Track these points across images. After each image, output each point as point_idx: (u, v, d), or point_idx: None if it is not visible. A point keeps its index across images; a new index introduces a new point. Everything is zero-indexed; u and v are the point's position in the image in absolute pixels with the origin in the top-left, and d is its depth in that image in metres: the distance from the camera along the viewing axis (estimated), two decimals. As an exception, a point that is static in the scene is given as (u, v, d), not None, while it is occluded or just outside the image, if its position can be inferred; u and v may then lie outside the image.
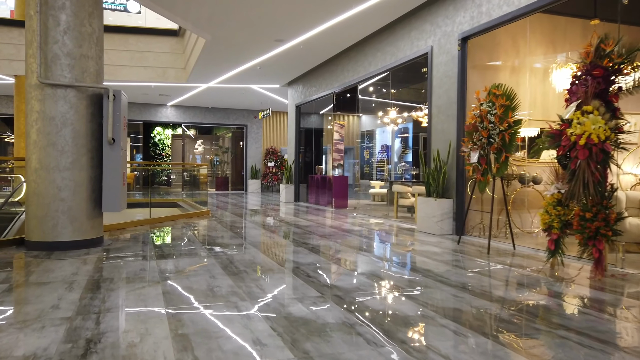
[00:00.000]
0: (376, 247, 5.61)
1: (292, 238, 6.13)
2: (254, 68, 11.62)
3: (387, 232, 6.91)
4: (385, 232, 6.91)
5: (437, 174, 6.73)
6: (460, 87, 6.57)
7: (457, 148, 6.60)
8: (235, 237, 6.18)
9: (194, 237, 6.14)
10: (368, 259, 4.71)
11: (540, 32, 7.14)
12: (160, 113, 18.56)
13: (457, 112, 6.62)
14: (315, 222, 8.11)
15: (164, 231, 6.73)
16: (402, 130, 16.83)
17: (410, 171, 13.46)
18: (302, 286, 3.52)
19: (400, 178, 16.36)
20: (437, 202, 6.62)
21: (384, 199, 13.97)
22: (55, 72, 5.07)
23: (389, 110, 12.04)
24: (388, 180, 12.69)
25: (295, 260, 4.59)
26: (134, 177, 19.19)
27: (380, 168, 18.76)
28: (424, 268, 4.27)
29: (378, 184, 14.58)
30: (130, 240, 5.82)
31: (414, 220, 8.10)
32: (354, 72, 9.79)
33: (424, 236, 6.43)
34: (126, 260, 4.47)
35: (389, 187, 13.09)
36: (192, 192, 15.49)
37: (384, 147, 19.01)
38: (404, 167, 13.26)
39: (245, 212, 10.16)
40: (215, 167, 21.34)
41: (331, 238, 6.19)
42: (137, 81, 13.36)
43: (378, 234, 6.79)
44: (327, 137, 15.83)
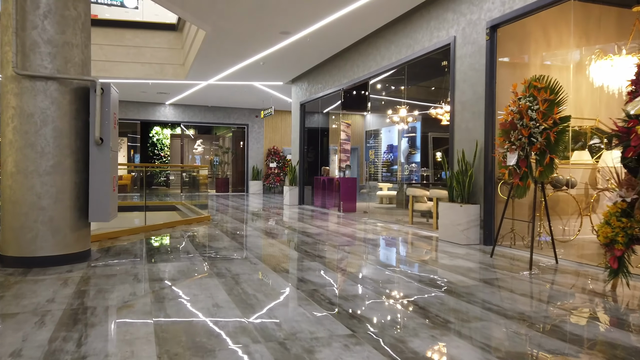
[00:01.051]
0: (401, 261, 4.96)
1: (303, 249, 5.48)
2: (257, 64, 10.97)
3: (407, 242, 6.26)
4: (405, 242, 6.26)
5: (463, 177, 6.09)
6: (489, 81, 5.92)
7: (485, 148, 5.96)
8: (239, 249, 5.53)
9: (194, 249, 5.48)
10: (395, 278, 4.06)
11: (572, 22, 6.50)
12: (159, 112, 17.91)
13: (484, 109, 5.97)
14: (325, 228, 7.46)
15: (160, 241, 6.08)
16: (408, 130, 16.20)
17: (420, 172, 12.82)
18: (326, 319, 2.88)
19: (408, 179, 15.75)
20: (463, 209, 5.97)
21: (393, 201, 13.35)
22: (34, 62, 4.42)
23: (399, 108, 11.38)
24: (400, 182, 12.03)
25: (312, 279, 3.95)
26: (132, 178, 18.53)
27: (385, 169, 18.13)
28: (466, 291, 3.62)
29: (386, 186, 13.96)
30: (121, 253, 5.16)
31: (433, 227, 7.46)
32: (364, 67, 9.15)
33: (449, 246, 5.78)
34: (114, 281, 3.82)
35: (399, 189, 12.45)
36: (191, 194, 14.85)
37: (390, 147, 18.40)
38: (413, 168, 12.61)
39: (249, 217, 9.51)
40: (215, 168, 20.69)
41: (346, 249, 5.54)
42: (134, 78, 12.71)
43: (397, 244, 6.15)
44: (332, 137, 15.20)
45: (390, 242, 6.26)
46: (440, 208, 6.36)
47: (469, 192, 6.08)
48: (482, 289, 3.69)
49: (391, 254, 5.34)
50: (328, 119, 14.64)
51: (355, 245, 5.88)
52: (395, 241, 6.30)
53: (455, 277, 4.09)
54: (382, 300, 3.34)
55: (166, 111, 17.98)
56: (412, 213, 8.25)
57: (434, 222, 7.52)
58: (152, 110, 17.81)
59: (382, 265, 4.59)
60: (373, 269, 4.42)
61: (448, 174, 6.48)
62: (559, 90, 4.53)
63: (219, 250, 5.34)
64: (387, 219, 8.92)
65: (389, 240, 6.35)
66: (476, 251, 5.47)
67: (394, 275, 4.16)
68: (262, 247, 5.73)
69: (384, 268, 4.46)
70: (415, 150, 15.60)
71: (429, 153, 14.40)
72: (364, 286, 3.74)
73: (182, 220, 8.03)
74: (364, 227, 7.71)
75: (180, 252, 5.23)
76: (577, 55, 6.50)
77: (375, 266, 4.55)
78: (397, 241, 6.31)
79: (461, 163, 6.17)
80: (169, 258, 4.84)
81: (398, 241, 6.31)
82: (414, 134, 15.96)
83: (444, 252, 5.35)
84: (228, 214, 9.83)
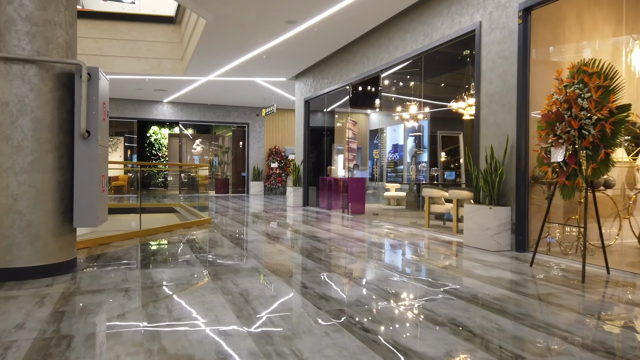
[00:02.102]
0: (431, 272, 4.36)
1: (317, 257, 4.88)
2: (260, 57, 10.37)
3: (430, 248, 5.67)
4: (429, 248, 5.66)
5: (492, 176, 5.49)
6: (522, 69, 5.33)
7: (517, 144, 5.37)
8: (245, 256, 4.92)
9: (194, 256, 4.88)
10: (432, 294, 3.47)
11: (607, 7, 5.93)
12: (156, 110, 17.30)
13: (517, 100, 5.38)
14: (336, 232, 6.87)
15: (156, 248, 5.47)
16: (417, 128, 15.62)
17: (432, 172, 12.24)
18: (362, 351, 2.28)
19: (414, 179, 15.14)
20: (493, 211, 5.38)
21: (401, 202, 12.77)
22: (9, 42, 3.82)
23: (409, 105, 10.78)
24: (415, 182, 11.44)
25: (334, 296, 3.35)
26: (128, 179, 17.91)
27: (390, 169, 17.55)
28: (520, 311, 3.02)
29: (393, 187, 13.39)
30: (112, 261, 4.55)
31: (452, 231, 6.87)
32: (375, 59, 8.55)
33: (478, 253, 5.19)
34: (101, 298, 3.21)
35: (409, 189, 11.86)
36: (190, 195, 14.24)
37: (395, 146, 17.82)
38: (423, 167, 12.02)
39: (251, 220, 8.90)
40: (214, 169, 20.08)
41: (365, 258, 4.95)
42: (130, 73, 12.11)
43: (421, 251, 5.55)
44: (338, 136, 14.60)
45: (411, 248, 5.66)
46: (466, 210, 5.77)
47: (498, 192, 5.49)
48: (539, 307, 3.09)
49: (418, 263, 4.74)
50: (331, 118, 14.05)
51: (373, 253, 5.28)
52: (417, 248, 5.71)
53: (500, 292, 3.49)
54: (427, 325, 2.74)
55: (164, 109, 17.37)
56: (428, 216, 7.65)
57: (454, 226, 6.93)
58: (150, 108, 17.20)
59: (412, 278, 4.00)
60: (403, 282, 3.83)
61: (474, 173, 5.89)
62: (614, 75, 3.95)
63: (223, 258, 4.74)
64: (400, 222, 8.33)
65: (410, 247, 5.76)
66: (510, 259, 4.88)
67: (429, 290, 3.56)
68: (270, 254, 5.12)
69: (415, 281, 3.86)
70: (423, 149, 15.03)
71: (437, 152, 13.83)
72: (399, 305, 3.14)
73: (180, 223, 7.42)
74: (377, 231, 7.12)
75: (179, 260, 4.62)
76: (617, 42, 5.92)
77: (405, 279, 3.96)
78: (419, 248, 5.71)
79: (490, 160, 5.58)
80: (165, 268, 4.24)
81: (420, 247, 5.71)
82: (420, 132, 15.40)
83: (476, 261, 4.75)
84: (229, 217, 9.22)
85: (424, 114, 11.39)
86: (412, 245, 5.86)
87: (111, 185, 17.52)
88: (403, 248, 5.65)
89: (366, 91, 11.82)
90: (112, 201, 14.59)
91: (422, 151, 15.03)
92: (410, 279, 3.93)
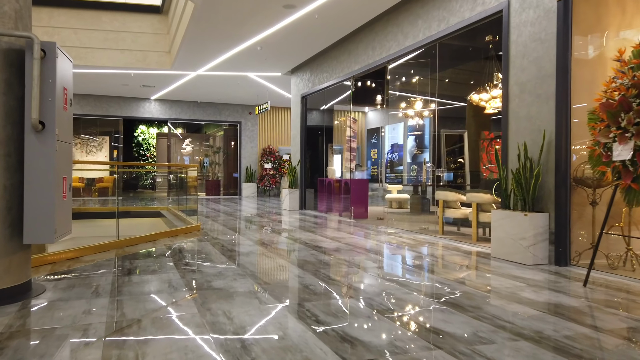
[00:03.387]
0: (471, 297, 3.57)
1: (325, 276, 4.09)
2: (254, 49, 9.56)
3: (455, 262, 4.90)
4: (454, 263, 4.89)
5: (526, 178, 4.74)
6: (562, 53, 4.58)
7: (556, 140, 4.62)
8: (240, 275, 4.12)
9: (178, 276, 4.06)
10: (484, 330, 2.69)
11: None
12: (143, 108, 16.39)
13: (556, 89, 4.63)
14: (341, 241, 6.08)
15: (134, 264, 4.64)
16: (415, 127, 14.91)
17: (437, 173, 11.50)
18: None
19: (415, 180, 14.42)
20: (528, 218, 4.62)
21: (404, 205, 12.03)
22: (-62, 8, 2.99)
23: (416, 100, 10.03)
24: (424, 184, 10.69)
25: (359, 337, 2.56)
26: (114, 180, 16.96)
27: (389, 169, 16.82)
28: (614, 359, 2.25)
29: (395, 188, 12.65)
30: (78, 283, 3.73)
31: (472, 239, 6.12)
32: (381, 49, 7.78)
33: (513, 268, 4.43)
34: (50, 342, 2.40)
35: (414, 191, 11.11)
36: (179, 197, 13.38)
37: (395, 146, 17.07)
38: (431, 168, 11.27)
39: (245, 226, 8.09)
40: (205, 169, 19.21)
41: (383, 276, 4.16)
42: (113, 67, 11.24)
43: (445, 265, 4.78)
44: (337, 135, 13.82)
45: (435, 262, 4.88)
46: (495, 217, 5.00)
47: (533, 197, 4.73)
48: (634, 353, 2.33)
49: (452, 284, 3.96)
50: (327, 116, 13.26)
51: (392, 269, 4.50)
52: (442, 262, 4.93)
53: (568, 326, 2.72)
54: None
55: (151, 107, 16.47)
56: (442, 222, 6.89)
57: (473, 233, 6.18)
58: (136, 106, 16.29)
59: (452, 305, 3.21)
60: (443, 314, 3.04)
61: (503, 174, 5.13)
62: (697, 54, 3.20)
63: (213, 278, 3.92)
64: (408, 228, 7.56)
65: (433, 260, 4.98)
66: (554, 276, 4.12)
67: (481, 326, 2.78)
68: (269, 272, 4.32)
69: (458, 311, 3.08)
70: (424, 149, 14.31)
71: (441, 151, 13.10)
72: (454, 352, 2.36)
73: (166, 231, 6.58)
74: (387, 239, 6.34)
75: (160, 281, 3.80)
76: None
77: (444, 309, 3.17)
78: (444, 262, 4.94)
79: (524, 160, 4.83)
80: (142, 294, 3.42)
81: (446, 262, 4.94)
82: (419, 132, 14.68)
83: (515, 278, 3.99)
84: (220, 222, 8.40)
85: (430, 112, 10.64)
86: (434, 258, 5.08)
87: (95, 187, 16.60)
88: (425, 262, 4.87)
89: (370, 85, 11.06)
90: (95, 204, 13.69)
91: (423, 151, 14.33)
92: (449, 306, 3.15)
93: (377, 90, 12.23)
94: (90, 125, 17.41)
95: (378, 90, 12.27)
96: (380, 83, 11.47)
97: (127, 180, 20.73)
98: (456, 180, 12.10)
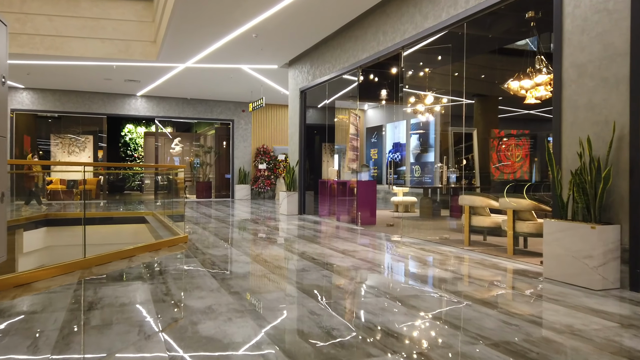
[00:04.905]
0: (556, 348, 2.63)
1: (352, 312, 3.13)
2: (248, 36, 8.58)
3: (505, 287, 3.96)
4: (503, 287, 3.95)
5: (591, 181, 3.81)
6: (637, 25, 3.66)
7: (631, 135, 3.70)
8: (237, 313, 3.14)
9: (154, 313, 3.08)
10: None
11: None
12: (129, 105, 15.33)
13: (630, 71, 3.71)
14: (355, 256, 5.13)
15: (98, 295, 3.64)
16: (418, 125, 14.03)
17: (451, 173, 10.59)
18: None
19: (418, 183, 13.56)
20: (597, 232, 3.69)
21: (410, 209, 11.12)
22: None
23: (425, 95, 9.09)
24: (446, 186, 9.77)
25: None
26: (97, 182, 15.88)
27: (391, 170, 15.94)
28: None
29: (401, 191, 11.74)
30: (14, 330, 2.73)
31: (507, 252, 5.19)
32: (394, 33, 6.84)
33: (580, 295, 3.50)
34: None
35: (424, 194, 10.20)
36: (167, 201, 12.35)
37: (396, 145, 16.16)
38: (441, 168, 10.35)
39: (240, 235, 7.11)
40: (195, 171, 18.17)
41: (423, 308, 3.21)
42: (92, 58, 10.21)
43: (495, 291, 3.83)
44: (340, 133, 12.86)
45: (481, 287, 3.94)
46: (549, 229, 4.07)
47: (600, 204, 3.81)
48: None
49: (516, 323, 3.02)
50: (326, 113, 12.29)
51: (426, 297, 3.55)
52: (486, 286, 3.99)
53: None
54: None
55: (137, 104, 15.41)
56: (469, 231, 5.96)
57: (509, 246, 5.25)
58: (121, 103, 15.22)
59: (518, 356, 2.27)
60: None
61: (557, 176, 4.20)
62: None
63: (201, 318, 2.94)
64: (426, 237, 6.62)
65: (478, 284, 4.04)
66: (629, 303, 3.20)
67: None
68: (273, 306, 3.34)
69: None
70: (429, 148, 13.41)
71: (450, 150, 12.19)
72: None
73: (145, 245, 5.56)
74: (405, 252, 5.40)
75: (128, 324, 2.82)
76: None
77: None
78: (489, 285, 4.00)
79: (587, 158, 3.90)
80: (98, 348, 2.43)
81: (491, 285, 4.00)
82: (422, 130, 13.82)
83: (596, 313, 3.05)
84: (211, 230, 7.41)
85: (442, 107, 9.71)
86: (480, 282, 4.14)
87: (77, 190, 15.50)
88: (467, 287, 3.93)
89: (373, 79, 10.12)
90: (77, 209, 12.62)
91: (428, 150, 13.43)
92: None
93: (381, 84, 11.30)
94: (72, 124, 16.32)
95: (382, 85, 11.35)
96: (386, 76, 10.54)
97: (113, 182, 19.63)
98: (463, 181, 11.13)
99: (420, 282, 3.99)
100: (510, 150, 11.69)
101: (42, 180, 14.85)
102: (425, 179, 13.41)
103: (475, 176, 11.55)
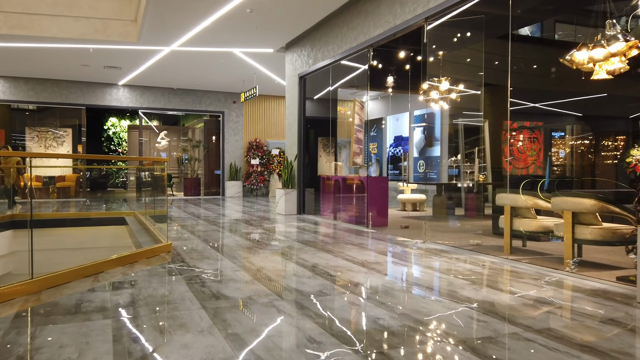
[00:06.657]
0: None
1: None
2: (242, 12, 7.50)
3: (593, 319, 2.96)
4: (593, 320, 2.96)
5: None
6: None
7: None
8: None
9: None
10: None
11: None
12: (110, 96, 14.13)
13: None
14: (375, 268, 4.11)
15: (35, 345, 2.58)
16: (422, 118, 13.06)
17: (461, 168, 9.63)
18: None
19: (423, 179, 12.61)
20: None
21: (419, 207, 10.16)
22: None
23: (440, 80, 8.07)
24: (475, 182, 8.80)
25: None
26: (77, 178, 14.67)
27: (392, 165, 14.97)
28: None
29: (409, 188, 10.77)
30: None
31: (564, 265, 4.21)
32: (415, 2, 5.81)
33: None
34: None
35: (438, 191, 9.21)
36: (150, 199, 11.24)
37: (398, 139, 15.18)
38: (454, 162, 9.38)
39: (233, 241, 6.06)
40: (183, 166, 17.02)
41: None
42: (65, 40, 9.05)
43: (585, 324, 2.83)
44: (342, 126, 11.79)
45: (575, 322, 2.94)
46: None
47: None
48: None
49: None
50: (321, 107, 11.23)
51: (517, 343, 2.54)
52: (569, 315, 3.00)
53: None
54: None
55: (119, 94, 14.22)
56: (510, 236, 4.97)
57: (567, 255, 4.27)
58: (101, 93, 14.02)
59: None
60: None
61: None
62: None
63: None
64: (454, 242, 5.62)
65: (558, 313, 3.04)
66: None
67: None
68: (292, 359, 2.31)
69: None
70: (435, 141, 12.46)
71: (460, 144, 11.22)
72: None
73: (117, 258, 4.45)
74: (440, 264, 4.40)
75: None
76: None
77: None
78: (571, 315, 3.00)
79: None
80: None
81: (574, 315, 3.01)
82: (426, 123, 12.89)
83: None
84: (199, 235, 6.34)
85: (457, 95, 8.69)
86: (558, 311, 3.14)
87: (54, 188, 14.29)
88: (559, 322, 2.92)
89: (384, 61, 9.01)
90: (53, 208, 11.44)
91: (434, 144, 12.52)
92: None
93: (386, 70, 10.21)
94: (48, 116, 15.05)
95: (389, 71, 10.28)
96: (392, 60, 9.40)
97: (95, 178, 18.42)
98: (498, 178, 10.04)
99: (491, 316, 2.98)
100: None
101: (18, 176, 13.64)
102: (430, 174, 12.47)
103: (487, 170, 10.58)
